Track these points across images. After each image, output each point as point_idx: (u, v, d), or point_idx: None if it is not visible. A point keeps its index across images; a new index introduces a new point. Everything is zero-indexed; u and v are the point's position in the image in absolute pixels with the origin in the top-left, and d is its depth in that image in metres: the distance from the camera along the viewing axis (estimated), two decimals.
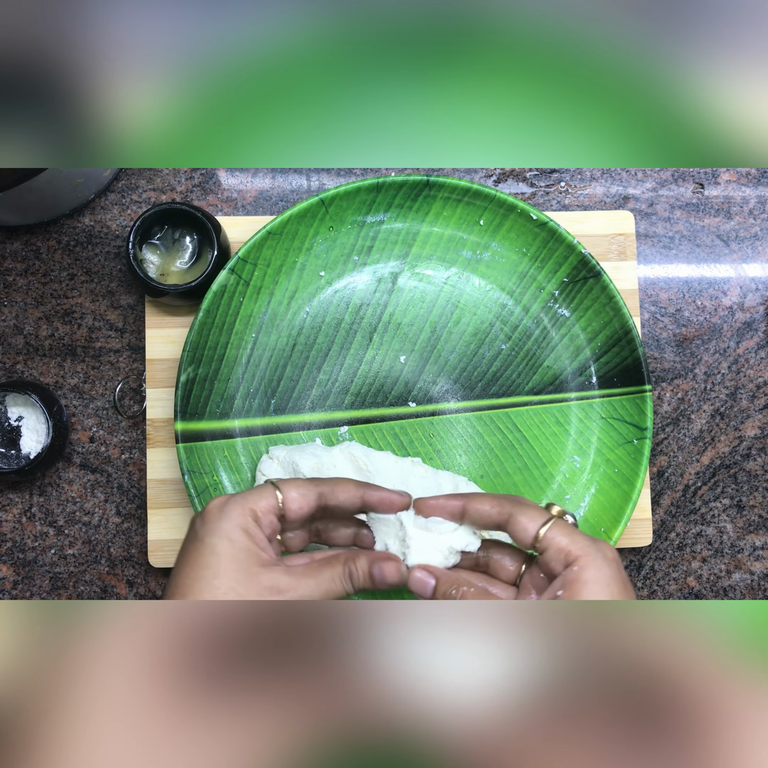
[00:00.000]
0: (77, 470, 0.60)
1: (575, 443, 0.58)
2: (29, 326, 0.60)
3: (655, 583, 0.61)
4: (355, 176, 0.62)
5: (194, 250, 0.58)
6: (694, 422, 0.62)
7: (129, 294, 0.61)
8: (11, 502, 0.60)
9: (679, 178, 0.63)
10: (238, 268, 0.56)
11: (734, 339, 0.62)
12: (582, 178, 0.63)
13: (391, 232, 0.58)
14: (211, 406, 0.57)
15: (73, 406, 0.60)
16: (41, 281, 0.61)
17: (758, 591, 0.61)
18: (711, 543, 0.62)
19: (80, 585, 0.60)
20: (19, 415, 0.58)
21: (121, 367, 0.61)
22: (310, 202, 0.56)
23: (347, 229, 0.58)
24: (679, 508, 0.62)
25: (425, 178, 0.56)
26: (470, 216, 0.58)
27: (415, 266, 0.59)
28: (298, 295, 0.58)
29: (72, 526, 0.60)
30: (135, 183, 0.61)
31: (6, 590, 0.60)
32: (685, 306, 0.62)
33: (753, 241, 0.63)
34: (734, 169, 0.63)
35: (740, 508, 0.62)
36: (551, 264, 0.58)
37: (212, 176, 0.62)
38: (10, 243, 0.61)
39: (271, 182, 0.62)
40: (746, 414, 0.62)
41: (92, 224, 0.61)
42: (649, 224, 0.63)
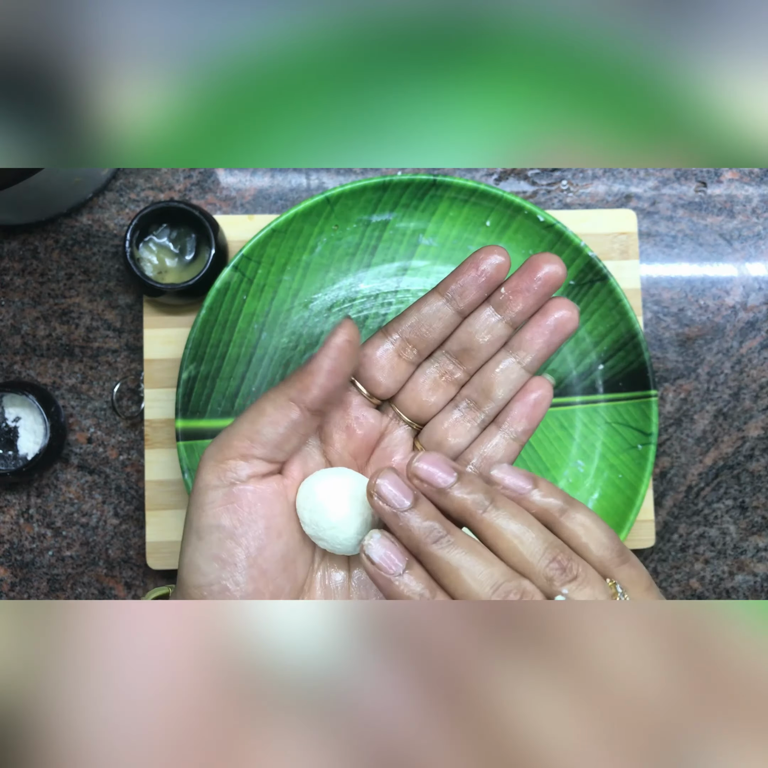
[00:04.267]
0: (75, 471, 0.60)
1: (579, 448, 0.58)
2: (26, 326, 0.60)
3: (657, 585, 0.61)
4: (355, 175, 0.62)
5: (192, 248, 0.58)
6: (697, 423, 0.62)
7: (127, 294, 0.60)
8: (8, 503, 0.60)
9: (682, 177, 0.63)
10: (241, 266, 0.55)
11: (737, 339, 0.62)
12: (584, 176, 0.63)
13: (397, 231, 0.58)
14: (213, 405, 0.56)
15: (70, 406, 0.60)
16: (38, 281, 0.60)
17: (761, 592, 0.61)
18: (714, 544, 0.61)
19: (78, 587, 0.59)
20: (17, 415, 0.58)
21: (119, 368, 0.60)
22: (316, 201, 0.55)
23: (352, 228, 0.57)
24: (681, 509, 0.61)
25: (432, 178, 0.55)
26: (477, 217, 0.57)
27: (419, 267, 0.58)
28: (302, 293, 0.58)
29: (70, 528, 0.60)
30: (133, 182, 0.61)
31: (3, 592, 0.59)
32: (688, 305, 0.62)
33: (756, 240, 0.63)
34: (737, 168, 0.63)
35: (743, 509, 0.61)
36: None
37: (211, 175, 0.61)
38: (7, 242, 0.60)
39: (270, 181, 0.61)
40: (749, 414, 0.62)
41: (90, 223, 0.61)
42: (652, 223, 0.63)
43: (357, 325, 0.38)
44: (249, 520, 0.35)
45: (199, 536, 0.35)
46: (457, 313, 0.39)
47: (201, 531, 0.35)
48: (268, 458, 0.36)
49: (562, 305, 0.39)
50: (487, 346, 0.40)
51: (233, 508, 0.35)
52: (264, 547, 0.36)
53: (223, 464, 0.36)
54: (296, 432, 0.36)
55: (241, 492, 0.36)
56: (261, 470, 0.36)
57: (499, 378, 0.40)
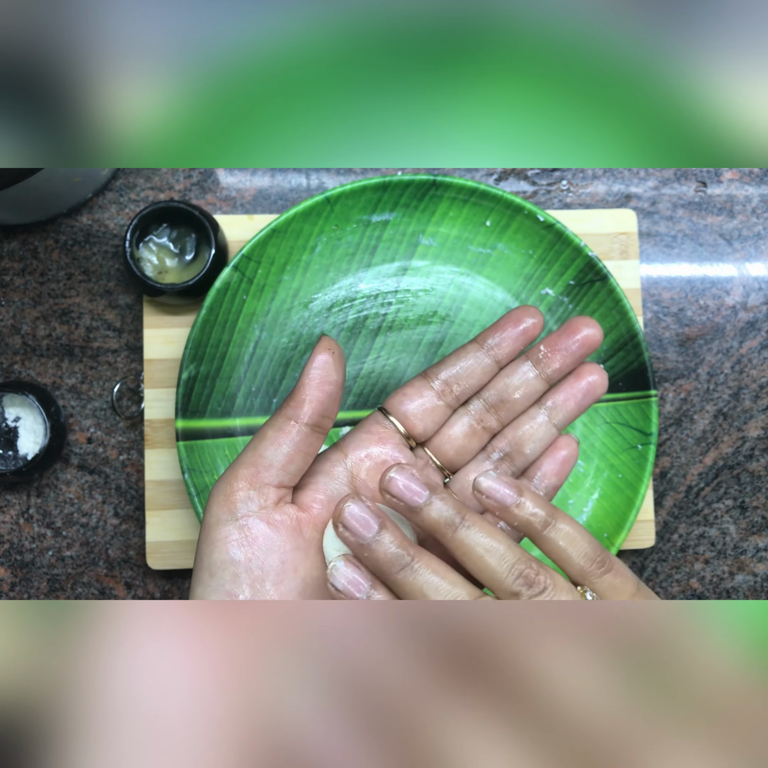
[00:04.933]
0: (75, 471, 0.60)
1: (579, 447, 0.58)
2: (26, 326, 0.60)
3: (657, 585, 0.61)
4: (354, 175, 0.62)
5: (192, 248, 0.58)
6: (697, 423, 0.62)
7: (127, 293, 0.60)
8: (8, 503, 0.60)
9: (682, 177, 0.63)
10: (242, 266, 0.55)
11: (737, 339, 0.62)
12: (584, 176, 0.63)
13: (397, 231, 0.58)
14: (213, 405, 0.56)
15: (70, 406, 0.60)
16: (38, 281, 0.60)
17: (761, 593, 0.61)
18: (714, 544, 0.61)
19: (78, 587, 0.59)
20: (17, 415, 0.58)
21: (119, 368, 0.60)
22: (316, 201, 0.55)
23: (352, 228, 0.57)
24: (681, 509, 0.61)
25: (432, 178, 0.55)
26: (477, 217, 0.57)
27: (419, 267, 0.58)
28: (302, 293, 0.58)
29: (70, 528, 0.60)
30: (133, 182, 0.61)
31: (3, 592, 0.59)
32: (688, 305, 0.62)
33: (756, 240, 0.63)
34: (737, 168, 0.63)
35: (743, 509, 0.61)
36: (558, 266, 0.57)
37: (211, 175, 0.61)
38: (7, 242, 0.60)
39: (270, 181, 0.61)
40: (749, 414, 0.62)
41: (90, 223, 0.61)
42: (652, 223, 0.63)
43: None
44: (263, 553, 0.35)
45: (211, 573, 0.35)
46: (495, 363, 0.41)
47: (213, 567, 0.35)
48: (275, 483, 0.36)
49: (594, 370, 0.42)
50: (522, 400, 0.41)
51: (246, 542, 0.35)
52: (280, 582, 0.35)
53: (233, 497, 0.35)
54: (299, 450, 0.36)
55: (253, 524, 0.35)
56: (271, 499, 0.36)
57: (531, 433, 0.41)
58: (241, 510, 0.35)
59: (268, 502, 0.36)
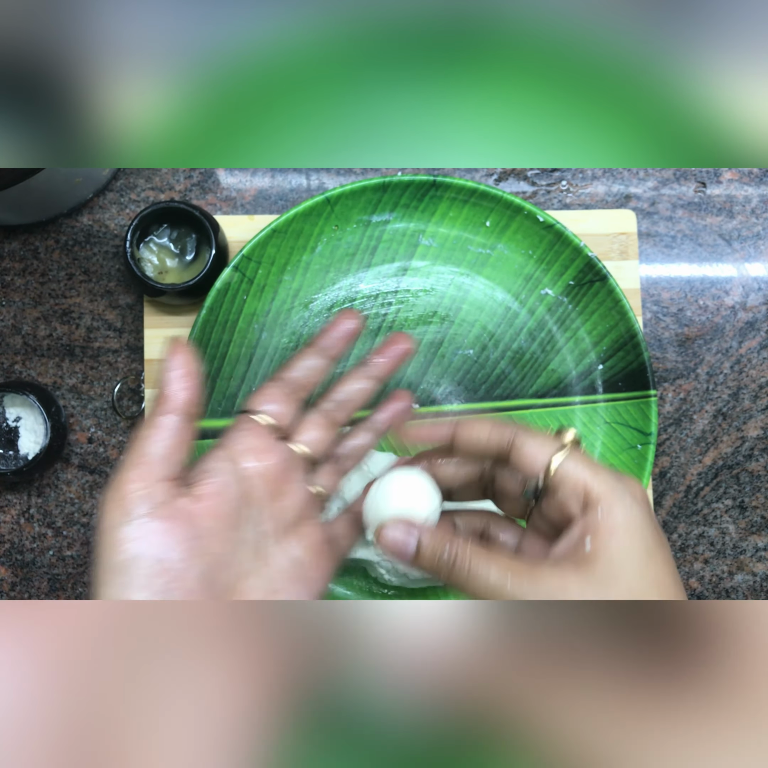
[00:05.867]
0: (75, 471, 0.60)
1: None
2: (27, 326, 0.60)
3: None
4: (354, 175, 0.62)
5: (192, 249, 0.58)
6: (697, 423, 0.62)
7: (127, 294, 0.60)
8: (9, 503, 0.60)
9: (681, 177, 0.63)
10: (242, 266, 0.55)
11: (737, 339, 0.62)
12: (583, 176, 0.63)
13: (397, 231, 0.58)
14: (213, 405, 0.56)
15: (71, 406, 0.60)
16: (39, 281, 0.60)
17: (761, 592, 0.61)
18: (713, 544, 0.61)
19: (79, 586, 0.60)
20: (17, 415, 0.58)
21: (120, 368, 0.60)
22: (316, 201, 0.55)
23: (352, 229, 0.57)
24: (681, 509, 0.61)
25: (432, 179, 0.56)
26: (476, 217, 0.57)
27: (419, 267, 0.58)
28: (302, 293, 0.58)
29: (70, 528, 0.60)
30: (133, 182, 0.61)
31: (4, 592, 0.59)
32: (687, 306, 0.62)
33: (755, 240, 0.63)
34: (736, 168, 0.63)
35: (743, 509, 0.61)
36: (557, 266, 0.57)
37: (211, 175, 0.61)
38: (8, 242, 0.60)
39: (271, 181, 0.62)
40: (749, 414, 0.62)
41: (90, 223, 0.61)
42: (651, 223, 0.63)
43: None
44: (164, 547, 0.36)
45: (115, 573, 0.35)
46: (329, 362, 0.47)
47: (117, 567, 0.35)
48: (164, 476, 0.37)
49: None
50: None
51: (146, 539, 0.36)
52: (186, 570, 0.36)
53: (125, 499, 0.36)
54: (178, 440, 0.38)
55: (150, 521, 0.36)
56: (164, 495, 0.37)
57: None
58: (136, 510, 0.36)
59: (161, 498, 0.37)
